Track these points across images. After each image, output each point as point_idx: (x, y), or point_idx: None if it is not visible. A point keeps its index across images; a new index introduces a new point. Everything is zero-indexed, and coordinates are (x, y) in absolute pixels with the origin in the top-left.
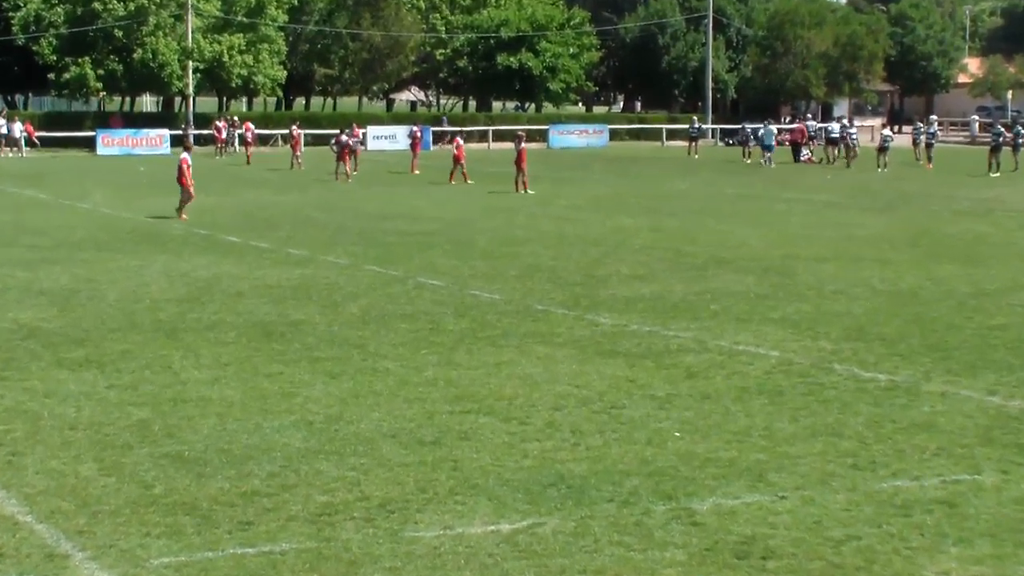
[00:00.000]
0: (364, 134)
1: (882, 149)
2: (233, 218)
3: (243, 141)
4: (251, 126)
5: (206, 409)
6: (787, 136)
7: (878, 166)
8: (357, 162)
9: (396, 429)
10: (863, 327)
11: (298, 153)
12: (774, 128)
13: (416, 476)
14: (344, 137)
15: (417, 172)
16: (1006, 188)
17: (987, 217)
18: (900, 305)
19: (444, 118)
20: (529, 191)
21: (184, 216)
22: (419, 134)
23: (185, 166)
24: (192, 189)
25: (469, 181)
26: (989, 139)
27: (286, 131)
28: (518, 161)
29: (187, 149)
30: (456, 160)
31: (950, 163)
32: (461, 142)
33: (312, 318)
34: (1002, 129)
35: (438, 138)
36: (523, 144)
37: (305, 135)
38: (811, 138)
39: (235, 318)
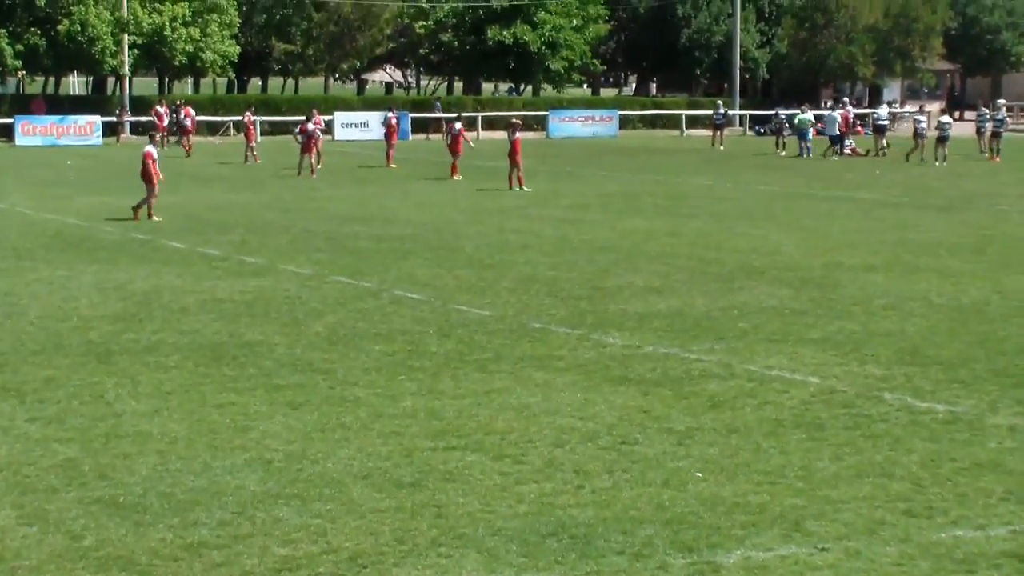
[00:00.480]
0: (327, 122)
1: (941, 139)
2: (177, 220)
3: (181, 128)
4: (191, 111)
5: (145, 446)
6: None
7: (936, 159)
8: (320, 155)
9: (369, 469)
10: (918, 349)
11: (253, 144)
12: (837, 115)
13: (392, 524)
14: (311, 125)
15: (393, 166)
16: None
17: None
18: (962, 323)
19: (437, 102)
20: (525, 188)
21: (156, 216)
22: (395, 121)
23: (151, 160)
24: (158, 186)
25: (456, 177)
26: None
27: (239, 118)
28: (512, 153)
29: (152, 141)
30: (454, 150)
31: (1021, 155)
32: (460, 128)
33: (270, 338)
34: None
35: (421, 127)
36: (518, 133)
37: (262, 123)
38: (853, 126)
39: (179, 339)
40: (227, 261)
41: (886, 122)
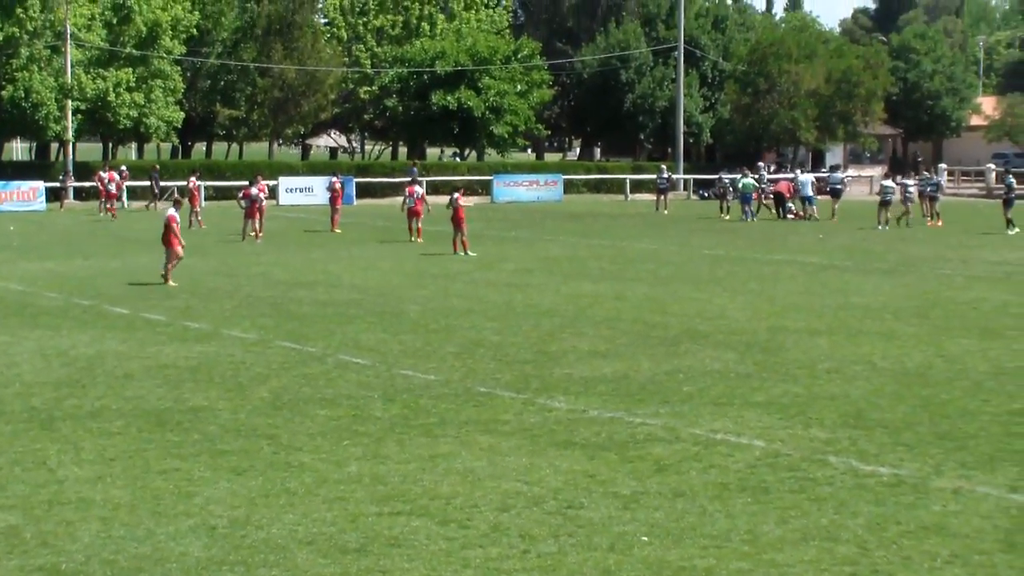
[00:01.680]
0: (270, 187)
1: (884, 203)
2: (121, 286)
3: (107, 193)
4: (115, 175)
5: (88, 512)
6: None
7: (879, 222)
8: (263, 221)
9: (314, 535)
10: (862, 412)
11: (197, 209)
12: (810, 177)
13: None
14: (254, 190)
15: (338, 231)
16: None
17: (1006, 282)
18: (906, 386)
19: (414, 168)
20: (470, 252)
21: (172, 282)
22: (340, 186)
23: (174, 224)
24: (181, 250)
25: (470, 251)
26: (1003, 191)
27: (183, 183)
28: (455, 218)
29: (176, 204)
30: (458, 223)
31: (963, 219)
32: (459, 197)
33: (214, 404)
34: (1013, 180)
35: (366, 191)
36: (461, 199)
37: (206, 188)
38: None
39: (123, 404)
40: (171, 326)
41: (841, 187)
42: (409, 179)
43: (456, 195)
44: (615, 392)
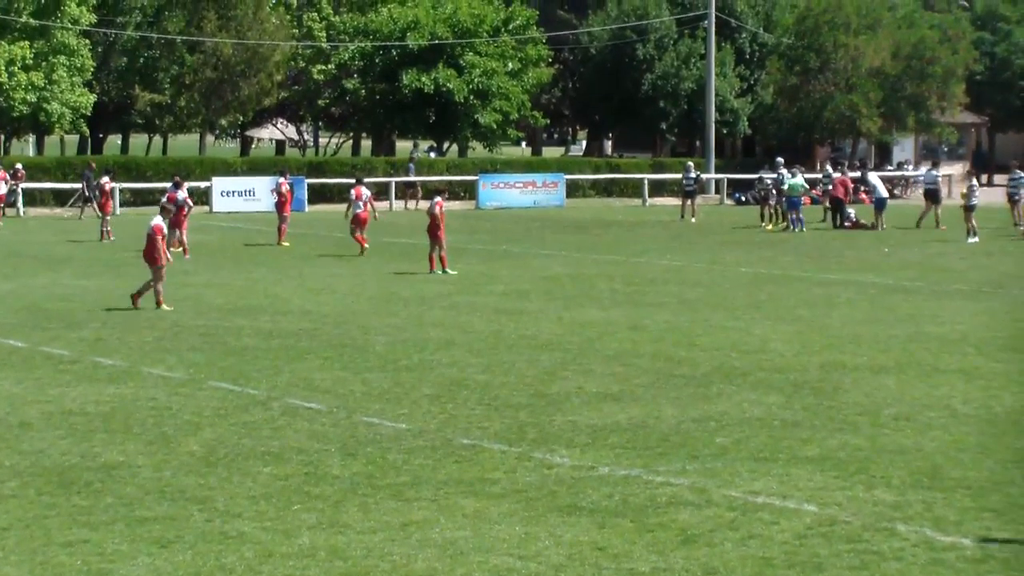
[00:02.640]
0: (203, 189)
1: (969, 208)
2: (16, 313)
3: None
4: (7, 175)
5: None
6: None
7: (969, 233)
8: (182, 232)
9: None
10: (939, 469)
11: (108, 216)
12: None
13: None
14: (181, 194)
15: (286, 244)
16: None
17: None
18: (993, 437)
19: (411, 164)
20: (449, 270)
21: (166, 305)
22: (288, 188)
23: (160, 237)
24: (164, 270)
25: (450, 269)
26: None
27: (81, 185)
28: (433, 228)
29: (164, 213)
30: (436, 234)
31: None
32: (439, 203)
33: (132, 459)
34: None
35: (320, 195)
36: (441, 204)
37: (122, 191)
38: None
39: (18, 461)
40: (78, 363)
41: (937, 187)
42: (354, 180)
43: (436, 199)
44: (631, 445)
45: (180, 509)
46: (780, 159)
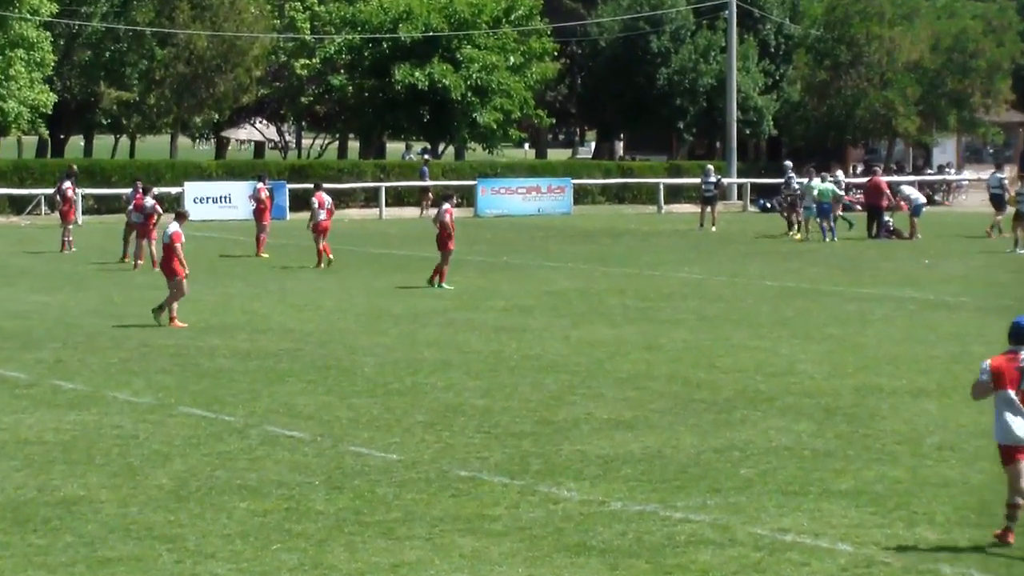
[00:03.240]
0: (173, 196)
1: (1021, 216)
2: None
3: None
4: None
5: None
6: (859, 197)
7: (1016, 243)
8: (151, 241)
9: None
10: (987, 505)
11: (70, 226)
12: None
13: None
14: (149, 201)
15: (265, 255)
16: None
17: None
18: None
19: (425, 167)
20: (445, 285)
21: (178, 322)
22: (267, 195)
23: (178, 244)
24: (184, 283)
25: (444, 285)
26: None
27: (51, 190)
28: (444, 238)
29: (179, 218)
30: (445, 241)
31: None
32: (448, 209)
33: (94, 494)
34: None
35: (301, 202)
36: (451, 211)
37: (85, 196)
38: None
39: None
40: (36, 387)
41: (1002, 191)
42: (314, 186)
43: (445, 206)
44: (645, 477)
45: (147, 549)
46: (788, 163)
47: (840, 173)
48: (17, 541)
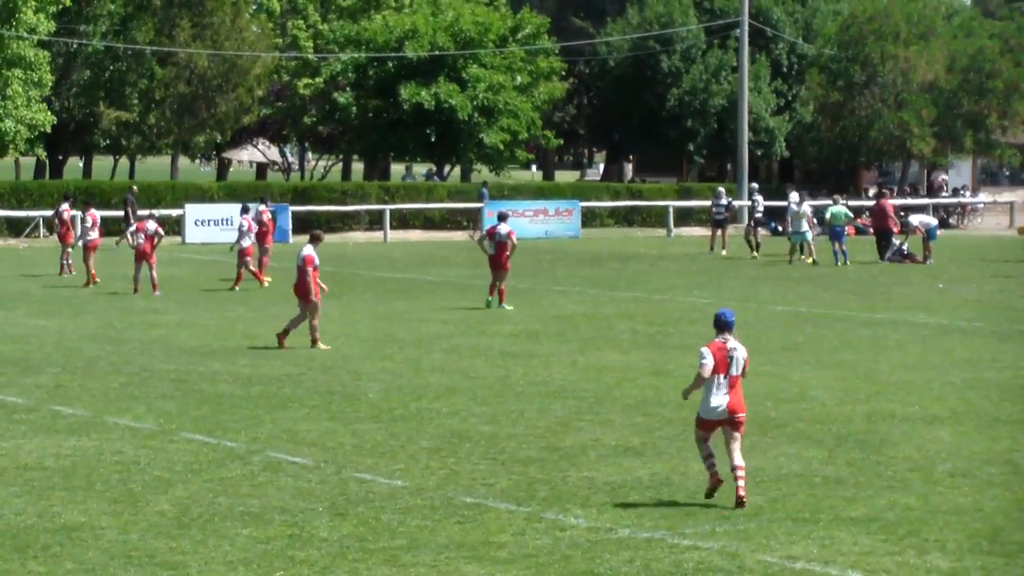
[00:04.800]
0: (173, 218)
1: None
2: None
3: None
4: None
5: None
6: (868, 220)
7: None
8: (151, 266)
9: None
10: (1000, 532)
11: (69, 248)
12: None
13: None
14: (151, 225)
15: (268, 280)
16: None
17: None
18: None
19: (484, 188)
20: (505, 306)
21: (323, 344)
22: (269, 217)
23: (311, 267)
24: (319, 304)
25: (505, 305)
26: None
27: (50, 212)
28: (499, 260)
29: (314, 240)
30: (501, 264)
31: None
32: (504, 231)
33: (95, 520)
34: None
35: (303, 224)
36: (512, 233)
37: (84, 219)
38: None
39: None
40: (35, 412)
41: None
42: (243, 207)
43: (509, 229)
44: (654, 503)
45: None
46: (793, 195)
47: (838, 197)
48: (17, 568)
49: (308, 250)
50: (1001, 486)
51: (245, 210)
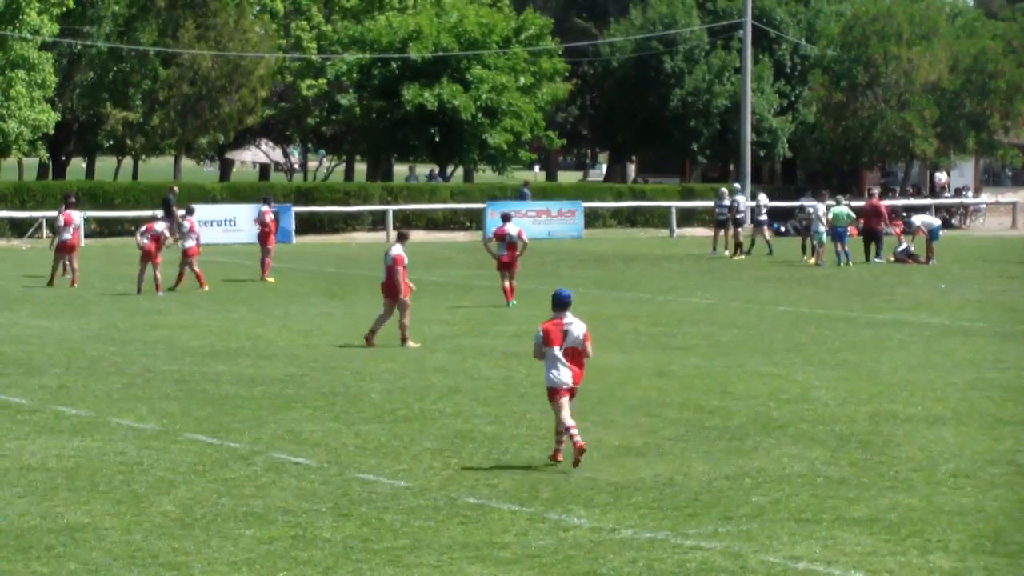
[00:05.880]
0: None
1: None
2: None
3: None
4: None
5: None
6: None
7: None
8: (155, 266)
9: None
10: (1003, 532)
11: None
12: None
13: None
14: (159, 226)
15: (270, 279)
16: None
17: None
18: None
19: (525, 189)
20: (512, 301)
21: (412, 342)
22: (272, 218)
23: (401, 266)
24: (408, 302)
25: (511, 300)
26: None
27: (54, 213)
28: (509, 263)
29: (402, 239)
30: (511, 263)
31: None
32: (514, 232)
33: (98, 521)
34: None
35: (308, 225)
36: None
37: (88, 220)
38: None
39: None
40: (39, 413)
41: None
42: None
43: (519, 229)
44: (657, 504)
45: None
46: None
47: (840, 198)
48: (20, 568)
49: (397, 249)
50: (1004, 486)
51: (190, 212)
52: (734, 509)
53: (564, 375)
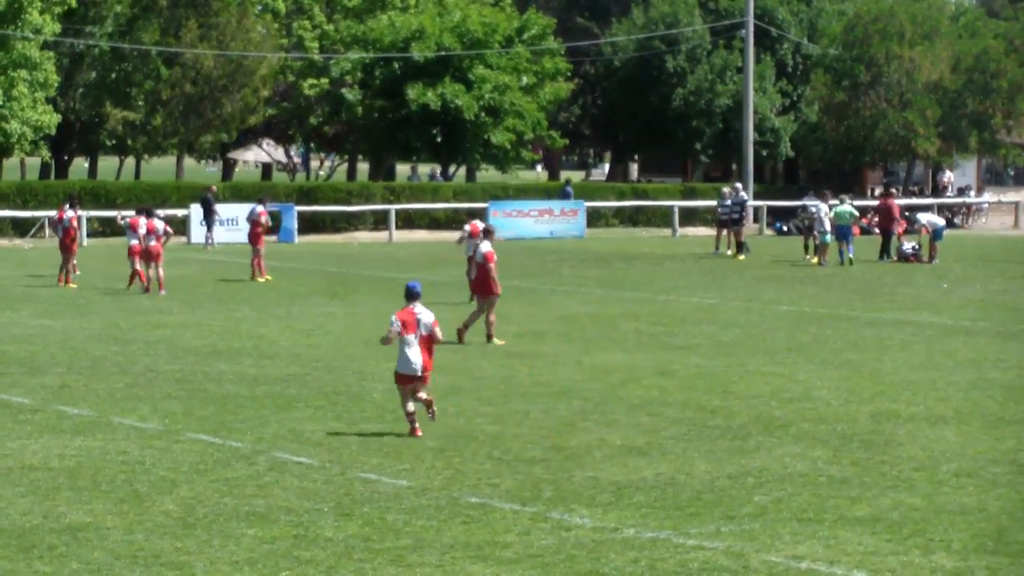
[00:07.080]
0: (180, 218)
1: None
2: None
3: None
4: None
5: None
6: (873, 219)
7: None
8: (158, 265)
9: None
10: (1005, 532)
11: (74, 248)
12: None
13: None
14: (158, 223)
15: (266, 278)
16: None
17: None
18: None
19: (567, 186)
20: (496, 341)
21: (498, 339)
22: (265, 218)
23: (492, 263)
24: (496, 300)
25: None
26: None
27: (53, 213)
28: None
29: (488, 235)
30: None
31: None
32: (483, 229)
33: (100, 520)
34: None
35: (310, 225)
36: (490, 243)
37: (90, 219)
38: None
39: None
40: (41, 413)
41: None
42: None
43: (486, 250)
44: (659, 504)
45: None
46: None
47: (844, 197)
48: (23, 568)
49: (487, 247)
50: (1006, 486)
51: (140, 212)
52: (736, 508)
53: (417, 362)
